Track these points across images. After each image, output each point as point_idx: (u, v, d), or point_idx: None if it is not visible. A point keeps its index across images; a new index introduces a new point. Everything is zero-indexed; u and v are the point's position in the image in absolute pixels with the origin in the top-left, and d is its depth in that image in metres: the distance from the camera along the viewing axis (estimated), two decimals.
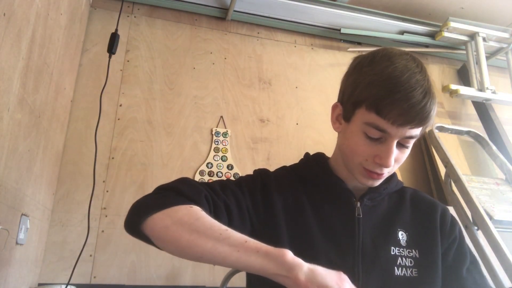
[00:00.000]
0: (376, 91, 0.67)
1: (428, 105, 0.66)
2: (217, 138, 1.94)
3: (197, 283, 1.67)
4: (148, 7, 2.08)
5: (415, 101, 0.65)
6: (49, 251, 1.56)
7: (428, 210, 0.82)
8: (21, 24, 1.06)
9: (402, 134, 0.67)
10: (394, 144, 0.68)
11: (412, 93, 0.65)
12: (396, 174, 0.83)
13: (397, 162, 0.71)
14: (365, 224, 0.76)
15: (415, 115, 0.65)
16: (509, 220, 1.62)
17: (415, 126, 0.67)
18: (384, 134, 0.68)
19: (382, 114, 0.66)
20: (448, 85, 2.20)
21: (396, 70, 0.67)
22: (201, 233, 0.58)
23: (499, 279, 1.41)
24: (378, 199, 0.80)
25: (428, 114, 0.66)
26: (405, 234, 0.77)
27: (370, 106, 0.68)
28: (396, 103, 0.65)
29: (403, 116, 0.65)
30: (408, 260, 0.74)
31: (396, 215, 0.79)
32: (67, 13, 1.53)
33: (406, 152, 0.72)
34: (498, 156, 1.91)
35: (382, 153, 0.68)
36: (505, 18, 2.39)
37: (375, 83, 0.68)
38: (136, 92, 1.90)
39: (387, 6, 2.30)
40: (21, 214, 1.20)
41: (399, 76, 0.66)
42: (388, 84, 0.66)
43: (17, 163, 1.13)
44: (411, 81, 0.66)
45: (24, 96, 1.14)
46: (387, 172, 0.72)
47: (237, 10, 2.15)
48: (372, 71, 0.69)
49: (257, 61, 2.18)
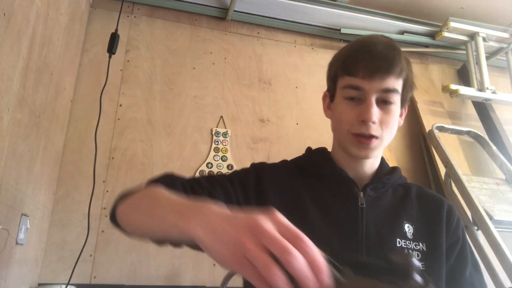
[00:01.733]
0: (344, 57, 0.75)
1: (391, 54, 0.71)
2: (217, 138, 1.94)
3: (197, 283, 1.67)
4: (148, 7, 2.08)
5: (377, 52, 0.71)
6: (49, 251, 1.56)
7: (434, 205, 0.81)
8: (21, 24, 1.06)
9: (377, 87, 0.71)
10: (373, 99, 0.71)
11: (374, 46, 0.72)
12: (399, 169, 0.84)
13: (385, 125, 0.72)
14: (368, 214, 0.74)
15: (379, 63, 0.70)
16: (509, 220, 1.62)
17: (385, 76, 0.70)
18: (360, 92, 0.72)
19: (351, 72, 0.72)
20: (448, 85, 2.20)
21: (362, 38, 0.76)
22: (150, 207, 0.55)
23: (499, 279, 1.41)
24: (382, 190, 0.79)
25: (392, 61, 0.71)
26: (412, 227, 0.75)
27: (342, 71, 0.75)
28: (360, 57, 0.72)
29: (369, 67, 0.70)
30: (415, 253, 0.72)
31: (401, 208, 0.78)
32: (67, 13, 1.53)
33: (391, 111, 0.73)
34: (498, 156, 1.91)
35: (363, 110, 0.71)
36: (505, 18, 2.39)
37: (344, 52, 0.77)
38: (136, 92, 1.90)
39: (387, 6, 2.30)
40: (21, 214, 1.20)
41: (363, 39, 0.75)
42: (353, 47, 0.75)
43: (17, 163, 1.13)
44: (373, 39, 0.74)
45: (24, 96, 1.14)
46: (376, 136, 0.71)
47: (237, 10, 2.15)
48: (343, 48, 0.79)
49: (257, 61, 2.18)
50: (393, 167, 0.84)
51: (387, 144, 0.76)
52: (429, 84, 2.43)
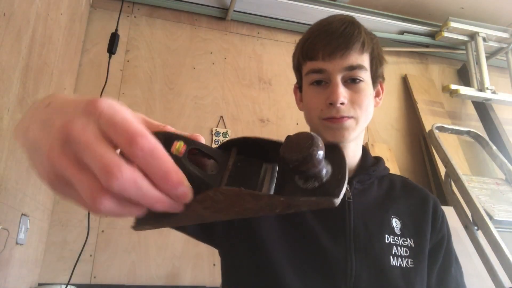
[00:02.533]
0: (303, 42, 0.73)
1: (349, 29, 0.68)
2: (217, 138, 1.94)
3: (197, 283, 1.67)
4: (148, 7, 2.08)
5: (333, 29, 0.68)
6: (49, 251, 1.56)
7: (420, 200, 0.78)
8: (21, 24, 1.06)
9: (340, 66, 0.67)
10: (338, 79, 0.67)
11: (330, 25, 0.69)
12: (383, 159, 0.81)
13: (357, 104, 0.68)
14: (356, 208, 0.70)
15: (336, 40, 0.67)
16: (509, 220, 1.62)
17: (345, 53, 0.67)
18: (324, 75, 0.69)
19: (311, 56, 0.69)
20: (448, 85, 2.20)
21: (319, 20, 0.73)
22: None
23: (499, 279, 1.41)
24: (368, 182, 0.75)
25: (351, 37, 0.67)
26: (399, 222, 0.72)
27: (303, 57, 0.72)
28: (317, 39, 0.69)
29: (327, 46, 0.67)
30: (404, 249, 0.69)
31: (388, 201, 0.75)
32: (67, 13, 1.53)
33: (361, 89, 0.69)
34: (498, 156, 1.91)
35: (330, 92, 0.68)
36: (505, 18, 2.39)
37: (303, 38, 0.74)
38: (136, 92, 1.90)
39: (387, 6, 2.30)
40: (21, 214, 1.20)
41: (320, 20, 0.72)
42: (310, 30, 0.72)
43: (17, 163, 1.13)
44: (329, 18, 0.71)
45: (24, 96, 1.14)
46: (348, 116, 0.68)
47: (237, 10, 2.15)
48: (303, 35, 0.75)
49: (257, 61, 2.18)
50: (376, 157, 0.81)
51: (364, 126, 0.72)
52: (429, 84, 2.43)
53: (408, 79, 2.40)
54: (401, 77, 2.43)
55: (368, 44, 0.70)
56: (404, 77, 2.43)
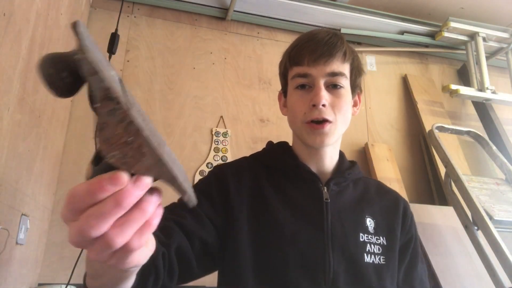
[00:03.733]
0: (290, 49, 0.80)
1: (333, 40, 0.75)
2: (217, 138, 1.94)
3: (197, 283, 1.66)
4: (148, 7, 2.08)
5: (319, 39, 0.75)
6: (49, 251, 1.56)
7: (392, 202, 0.84)
8: (21, 24, 1.06)
9: (323, 71, 0.74)
10: (321, 83, 0.74)
11: (316, 35, 0.77)
12: (357, 163, 0.87)
13: (337, 109, 0.74)
14: (333, 209, 0.75)
15: (321, 48, 0.74)
16: (509, 220, 1.62)
17: (329, 60, 0.74)
18: (308, 79, 0.75)
19: (298, 61, 0.76)
20: (448, 85, 2.20)
21: (306, 32, 0.80)
22: None
23: (499, 279, 1.41)
24: (344, 184, 0.81)
25: (335, 46, 0.75)
26: (373, 221, 0.78)
27: (289, 63, 0.79)
28: (304, 46, 0.76)
29: (313, 54, 0.74)
30: (377, 247, 0.75)
31: (363, 202, 0.80)
32: (67, 13, 1.53)
33: (341, 95, 0.75)
34: (498, 156, 1.91)
35: (313, 95, 0.74)
36: (505, 18, 2.39)
37: (290, 46, 0.81)
38: (136, 92, 1.90)
39: (387, 6, 2.30)
40: (21, 214, 1.20)
41: (307, 32, 0.80)
42: (297, 39, 0.80)
43: (17, 163, 1.13)
44: (315, 30, 0.79)
45: (24, 96, 1.14)
46: (329, 120, 0.73)
47: (237, 10, 2.15)
48: (290, 44, 0.82)
49: (257, 61, 2.18)
50: (351, 161, 0.87)
51: (341, 131, 0.78)
52: (429, 84, 2.43)
53: (408, 79, 2.40)
54: (401, 77, 2.43)
55: (349, 55, 0.77)
56: (404, 77, 2.43)
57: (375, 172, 2.00)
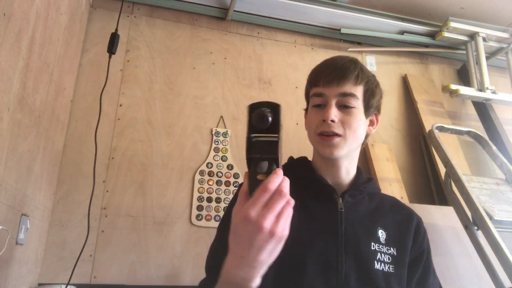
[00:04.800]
0: (312, 73, 0.89)
1: (347, 64, 0.83)
2: (217, 138, 1.94)
3: (197, 283, 1.67)
4: (148, 7, 2.08)
5: (335, 63, 0.85)
6: (49, 251, 1.56)
7: (406, 217, 0.89)
8: (21, 24, 1.06)
9: (335, 92, 0.82)
10: (332, 102, 0.82)
11: (333, 61, 0.86)
12: (374, 180, 0.93)
13: (346, 125, 0.81)
14: (347, 218, 0.82)
15: (335, 72, 0.83)
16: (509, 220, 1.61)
17: (341, 82, 0.82)
18: (323, 98, 0.83)
19: (315, 83, 0.85)
20: (448, 85, 2.20)
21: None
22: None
23: (499, 279, 1.41)
24: (359, 197, 0.87)
25: (348, 70, 0.82)
26: (385, 233, 0.83)
27: (309, 85, 0.88)
28: (321, 69, 0.86)
29: (328, 76, 0.83)
30: (387, 256, 0.80)
31: (376, 215, 0.86)
32: (67, 13, 1.53)
33: (352, 113, 0.82)
34: (498, 156, 1.91)
35: (325, 111, 0.82)
36: (505, 18, 2.39)
37: (312, 71, 0.89)
38: (136, 92, 1.90)
39: (387, 6, 2.30)
40: (21, 214, 1.20)
41: (327, 58, 0.88)
42: (319, 65, 0.88)
43: (17, 163, 1.13)
44: (336, 57, 0.87)
45: (24, 96, 1.14)
46: (338, 134, 0.81)
47: (237, 10, 2.15)
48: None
49: (257, 61, 2.18)
50: (369, 178, 0.93)
51: (353, 146, 0.84)
52: (429, 84, 2.43)
53: (408, 79, 2.40)
54: (401, 77, 2.43)
55: (363, 78, 0.84)
56: (404, 77, 2.43)
57: (375, 172, 2.00)
